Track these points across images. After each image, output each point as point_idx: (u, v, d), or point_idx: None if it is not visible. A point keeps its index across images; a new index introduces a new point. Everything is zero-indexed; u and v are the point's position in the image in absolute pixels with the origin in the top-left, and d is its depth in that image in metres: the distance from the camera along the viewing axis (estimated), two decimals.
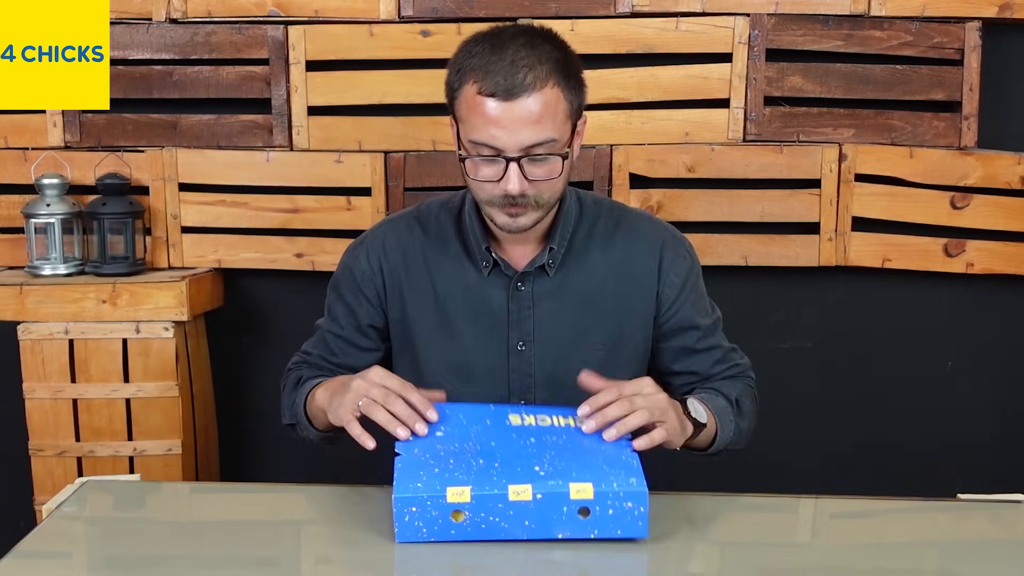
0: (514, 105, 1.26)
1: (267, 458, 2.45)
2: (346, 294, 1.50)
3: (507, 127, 1.27)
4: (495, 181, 1.31)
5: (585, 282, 1.45)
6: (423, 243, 1.47)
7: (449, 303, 1.45)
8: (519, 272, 1.43)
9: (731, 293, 2.33)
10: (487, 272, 1.44)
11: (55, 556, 1.15)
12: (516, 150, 1.28)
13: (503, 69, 1.26)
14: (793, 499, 1.31)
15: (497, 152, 1.29)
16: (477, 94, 1.28)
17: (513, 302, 1.43)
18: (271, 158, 2.25)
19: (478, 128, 1.28)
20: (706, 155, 2.22)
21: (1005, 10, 2.17)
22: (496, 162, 1.30)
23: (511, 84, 1.26)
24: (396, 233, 1.49)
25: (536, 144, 1.28)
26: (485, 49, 1.29)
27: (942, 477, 2.31)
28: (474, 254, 1.44)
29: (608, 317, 1.46)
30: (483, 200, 1.35)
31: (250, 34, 2.21)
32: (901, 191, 2.24)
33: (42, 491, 2.14)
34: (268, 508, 1.32)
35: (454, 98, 1.33)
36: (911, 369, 2.37)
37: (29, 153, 2.26)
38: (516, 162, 1.28)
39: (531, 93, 1.26)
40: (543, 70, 1.27)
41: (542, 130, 1.28)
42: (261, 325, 2.39)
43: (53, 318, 2.11)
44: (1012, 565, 1.15)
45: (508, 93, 1.26)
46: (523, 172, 1.29)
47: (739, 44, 2.19)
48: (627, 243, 1.48)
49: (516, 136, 1.27)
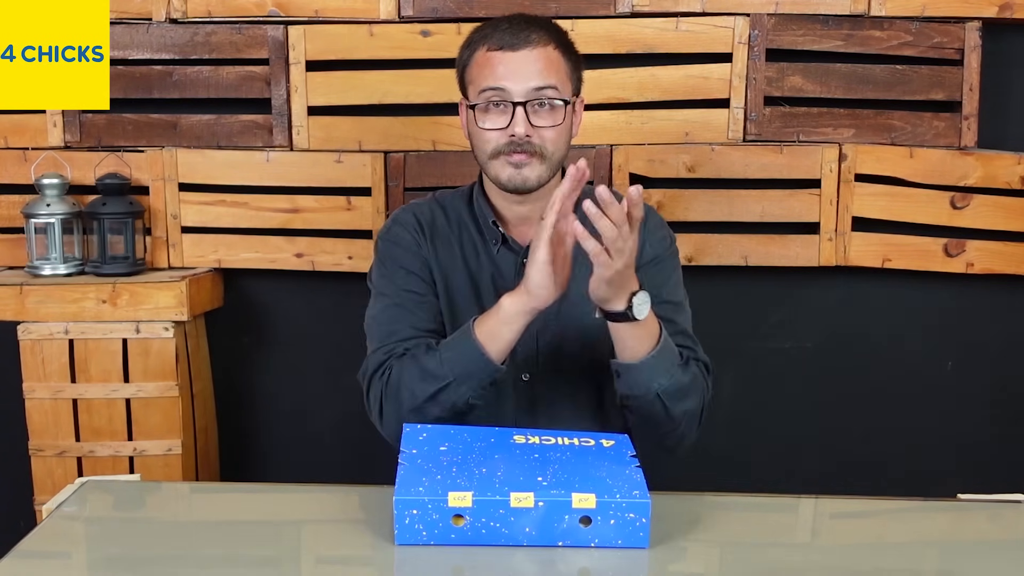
0: (519, 55, 1.41)
1: (267, 458, 2.45)
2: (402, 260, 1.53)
3: (514, 70, 1.41)
4: (502, 129, 1.42)
5: (583, 252, 1.45)
6: (444, 224, 1.56)
7: (461, 279, 1.52)
8: (525, 247, 1.49)
9: (731, 293, 2.34)
10: (496, 249, 1.53)
11: (55, 556, 1.15)
12: (522, 94, 1.41)
13: (510, 28, 1.43)
14: (793, 499, 1.31)
15: (503, 97, 1.41)
16: (487, 51, 1.43)
17: (519, 276, 1.44)
18: (271, 158, 2.25)
19: (487, 77, 1.42)
20: (706, 155, 2.22)
21: (1005, 10, 2.17)
22: (503, 110, 1.42)
23: (516, 39, 1.42)
24: (422, 214, 1.57)
25: (540, 87, 1.41)
26: (491, 24, 1.46)
27: (942, 477, 2.31)
28: (485, 233, 1.54)
29: None
30: (489, 154, 1.45)
31: (250, 34, 2.21)
32: (901, 191, 2.24)
33: (42, 491, 2.14)
34: (268, 508, 1.32)
35: (465, 68, 1.48)
36: (911, 369, 2.37)
37: (29, 153, 2.26)
38: (522, 106, 1.41)
39: (535, 47, 1.42)
40: (545, 34, 1.44)
41: (546, 76, 1.42)
42: (261, 325, 2.39)
43: (53, 318, 2.11)
44: (1012, 565, 1.15)
45: (514, 45, 1.42)
46: (528, 117, 1.41)
47: (739, 44, 2.19)
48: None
49: (522, 81, 1.41)
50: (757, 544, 1.21)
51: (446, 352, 1.37)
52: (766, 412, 2.35)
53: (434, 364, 1.37)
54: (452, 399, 1.36)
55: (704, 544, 1.19)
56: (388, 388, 1.41)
